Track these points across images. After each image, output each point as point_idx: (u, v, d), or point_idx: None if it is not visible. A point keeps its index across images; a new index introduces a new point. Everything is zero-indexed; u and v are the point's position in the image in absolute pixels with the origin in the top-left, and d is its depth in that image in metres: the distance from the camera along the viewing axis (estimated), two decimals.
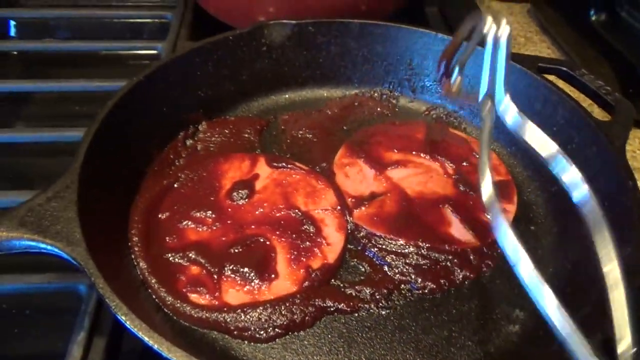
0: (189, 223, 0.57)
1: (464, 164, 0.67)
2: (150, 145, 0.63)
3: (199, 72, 0.69)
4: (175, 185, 0.62)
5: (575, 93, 0.69)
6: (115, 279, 0.44)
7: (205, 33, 0.72)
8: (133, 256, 0.53)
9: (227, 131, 0.70)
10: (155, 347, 0.37)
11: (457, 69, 0.56)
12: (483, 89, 0.49)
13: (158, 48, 0.85)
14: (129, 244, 0.54)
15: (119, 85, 0.61)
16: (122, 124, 0.59)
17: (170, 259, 0.54)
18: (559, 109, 0.63)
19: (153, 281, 0.51)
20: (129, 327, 0.38)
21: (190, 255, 0.54)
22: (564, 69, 0.67)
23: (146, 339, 0.38)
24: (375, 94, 0.78)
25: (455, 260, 0.56)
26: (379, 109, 0.76)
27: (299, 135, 0.71)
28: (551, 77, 0.70)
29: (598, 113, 0.68)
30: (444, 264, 0.56)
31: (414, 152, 0.68)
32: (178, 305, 0.50)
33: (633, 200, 0.50)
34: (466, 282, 0.55)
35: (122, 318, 0.39)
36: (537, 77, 0.65)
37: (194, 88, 0.69)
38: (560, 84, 0.69)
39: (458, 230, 0.59)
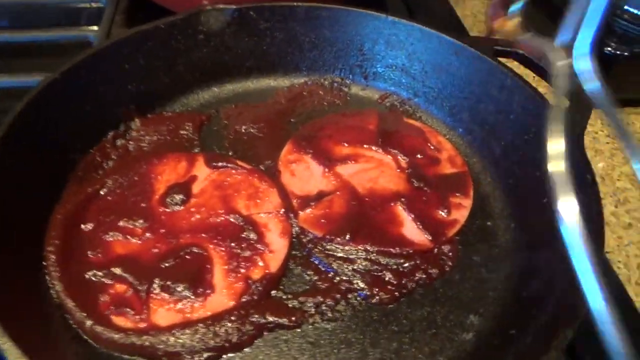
0: (116, 234, 0.52)
1: (418, 156, 0.62)
2: (73, 149, 0.57)
3: (127, 65, 0.62)
4: (102, 192, 0.56)
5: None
6: (21, 308, 0.39)
7: (145, 18, 0.66)
8: (48, 277, 0.48)
9: (163, 128, 0.64)
10: None
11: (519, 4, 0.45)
12: (563, 33, 0.36)
13: (90, 37, 0.78)
14: (45, 263, 0.48)
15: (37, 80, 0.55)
16: (37, 127, 0.53)
17: (92, 277, 0.48)
18: (515, 95, 0.59)
19: (70, 304, 0.46)
20: None
21: (115, 271, 0.49)
22: (522, 52, 0.63)
23: None
24: (326, 82, 0.73)
25: (407, 265, 0.52)
26: (329, 98, 0.71)
27: (243, 130, 0.66)
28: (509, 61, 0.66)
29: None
30: (394, 268, 0.52)
31: (365, 145, 0.63)
32: (98, 329, 0.45)
33: (591, 195, 0.47)
34: (418, 288, 0.51)
35: None
36: (493, 62, 0.61)
37: (123, 82, 0.63)
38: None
39: (410, 230, 0.55)
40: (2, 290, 0.38)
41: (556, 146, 0.32)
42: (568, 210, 0.30)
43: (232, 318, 0.47)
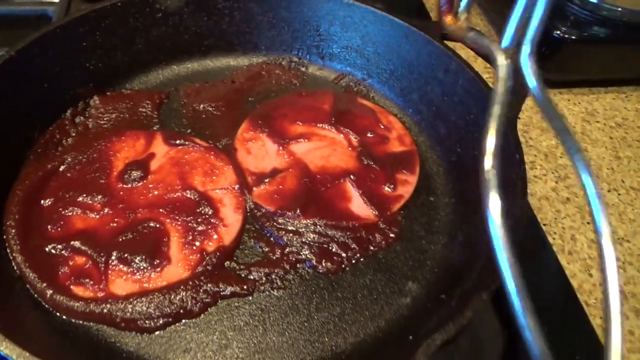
0: (75, 210, 0.54)
1: (369, 135, 0.66)
2: (31, 128, 0.58)
3: (85, 42, 0.63)
4: (61, 169, 0.58)
5: None
6: None
7: None
8: (9, 250, 0.50)
9: (122, 106, 0.66)
10: (13, 357, 0.35)
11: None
12: (509, 34, 0.38)
13: (48, 11, 0.78)
14: (4, 237, 0.51)
15: None
16: None
17: (52, 250, 0.51)
18: (459, 79, 0.63)
19: (31, 275, 0.49)
20: None
21: (75, 244, 0.51)
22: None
23: (2, 348, 0.36)
24: (284, 62, 0.75)
25: (353, 237, 0.56)
26: (287, 78, 0.74)
27: (201, 109, 0.68)
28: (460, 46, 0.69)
29: None
30: (341, 240, 0.56)
31: (319, 125, 0.66)
32: (59, 299, 0.48)
33: (517, 174, 0.51)
34: (362, 259, 0.55)
35: None
36: (440, 45, 0.64)
37: (82, 60, 0.64)
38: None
39: (358, 205, 0.59)
40: None
41: (490, 144, 0.36)
42: (494, 206, 0.35)
43: (187, 287, 0.50)
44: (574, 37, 0.87)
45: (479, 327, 0.55)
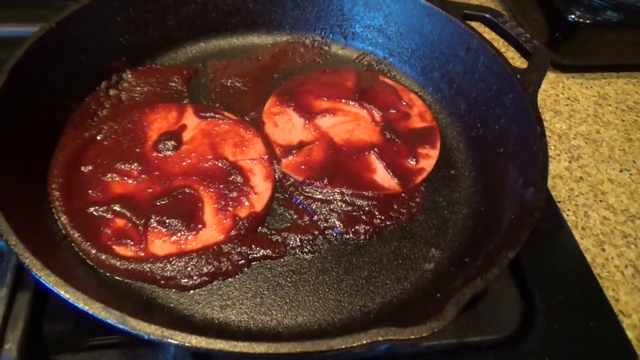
0: (114, 176, 0.57)
1: (392, 111, 0.68)
2: (69, 97, 0.61)
3: (119, 17, 0.66)
4: (98, 138, 0.60)
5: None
6: (33, 234, 0.44)
7: None
8: (54, 211, 0.52)
9: (153, 80, 0.68)
10: (71, 300, 0.38)
11: None
12: None
13: None
14: (50, 198, 0.53)
15: (33, 30, 0.58)
16: (34, 75, 0.56)
17: (94, 212, 0.53)
18: (480, 56, 0.65)
19: (76, 235, 0.51)
20: (43, 281, 0.39)
21: (115, 208, 0.54)
22: (488, 16, 0.68)
23: (62, 293, 0.38)
24: (307, 41, 0.77)
25: (378, 206, 0.58)
26: (310, 56, 0.76)
27: (229, 84, 0.70)
28: (479, 25, 0.71)
29: (520, 60, 0.71)
30: (367, 209, 0.58)
31: (343, 100, 0.69)
32: (103, 257, 0.50)
33: (540, 144, 0.53)
34: (388, 227, 0.57)
35: (36, 273, 0.39)
36: (462, 24, 0.66)
37: (115, 35, 0.66)
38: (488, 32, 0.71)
39: (382, 176, 0.61)
40: (14, 215, 0.43)
41: None
42: None
43: (222, 249, 0.53)
44: (588, 22, 0.88)
45: (498, 297, 0.58)
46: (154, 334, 0.37)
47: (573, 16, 0.89)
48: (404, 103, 0.69)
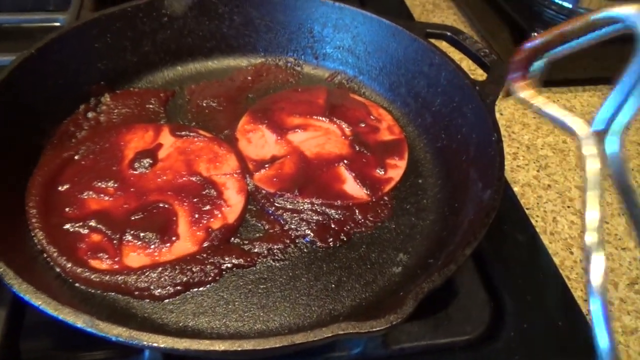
0: (90, 193, 0.59)
1: (361, 125, 0.71)
2: (48, 120, 0.63)
3: (97, 44, 0.69)
4: (76, 158, 0.62)
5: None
6: (8, 249, 0.46)
7: (112, 4, 0.72)
8: (30, 227, 0.54)
9: (131, 102, 0.71)
10: (41, 306, 0.39)
11: (541, 62, 0.41)
12: (601, 116, 0.35)
13: (59, 20, 0.83)
14: (27, 216, 0.55)
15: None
16: (14, 99, 0.58)
17: (70, 228, 0.55)
18: (442, 71, 0.68)
19: (52, 250, 0.53)
20: (15, 290, 0.40)
21: (91, 223, 0.56)
22: (449, 34, 0.72)
23: (32, 299, 0.40)
24: (280, 62, 0.80)
25: (347, 214, 0.60)
26: (283, 77, 0.79)
27: (204, 105, 0.73)
28: (442, 43, 0.75)
29: (481, 73, 0.74)
30: (337, 218, 0.60)
31: (314, 117, 0.71)
32: (78, 270, 0.52)
33: (497, 149, 0.56)
34: (356, 234, 0.59)
35: (8, 282, 0.41)
36: (424, 42, 0.70)
37: (93, 60, 0.69)
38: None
39: (351, 186, 0.63)
40: None
41: (591, 217, 0.33)
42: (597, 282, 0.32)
43: (195, 260, 0.54)
44: None
45: (468, 299, 0.59)
46: (122, 335, 0.38)
47: (536, 34, 0.93)
48: (372, 117, 0.72)
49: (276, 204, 0.61)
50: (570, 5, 0.95)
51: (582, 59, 0.97)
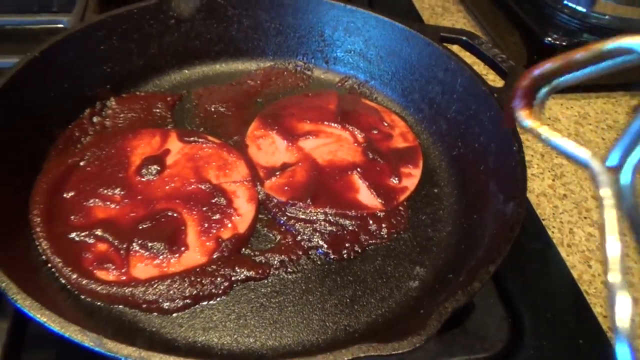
0: (96, 201, 0.57)
1: (374, 132, 0.69)
2: (52, 124, 0.61)
3: (102, 46, 0.67)
4: (81, 164, 0.60)
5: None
6: (11, 260, 0.44)
7: (117, 5, 0.70)
8: (35, 237, 0.52)
9: (137, 107, 0.69)
10: (47, 323, 0.37)
11: (546, 90, 0.39)
12: (617, 153, 0.33)
13: (63, 22, 0.81)
14: (31, 224, 0.53)
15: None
16: (17, 103, 0.57)
17: (75, 237, 0.53)
18: (458, 77, 0.66)
19: (57, 260, 0.51)
20: (18, 305, 0.38)
21: (97, 232, 0.53)
22: (465, 38, 0.70)
23: (38, 316, 0.38)
24: (290, 66, 0.79)
25: (361, 225, 0.58)
26: (293, 81, 0.77)
27: (213, 109, 0.71)
28: (456, 47, 0.73)
29: (498, 80, 0.72)
30: (350, 229, 0.58)
31: (325, 122, 0.69)
32: (84, 282, 0.50)
33: (517, 160, 0.54)
34: (371, 246, 0.57)
35: (12, 297, 0.39)
36: (439, 47, 0.68)
37: (99, 63, 0.67)
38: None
39: (365, 196, 0.61)
40: None
41: (613, 252, 0.31)
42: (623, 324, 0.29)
43: (205, 272, 0.52)
44: (564, 44, 0.91)
45: (485, 315, 0.57)
46: (132, 355, 0.36)
47: (550, 39, 0.91)
48: (385, 124, 0.70)
49: (288, 214, 0.59)
50: (584, 10, 0.94)
51: None
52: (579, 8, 0.93)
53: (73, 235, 0.53)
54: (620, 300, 0.29)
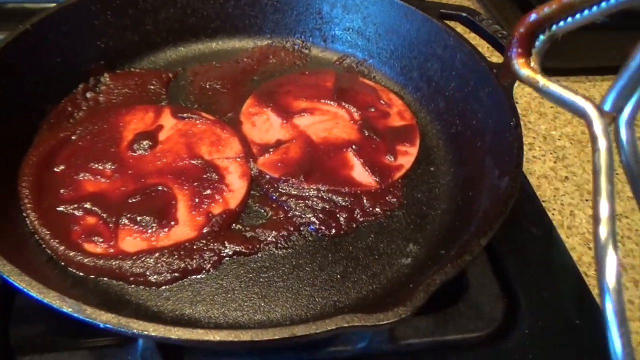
0: (86, 175, 0.56)
1: (371, 110, 0.68)
2: (45, 99, 0.61)
3: (96, 21, 0.66)
4: (73, 138, 0.60)
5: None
6: None
7: None
8: (23, 209, 0.52)
9: (131, 83, 0.68)
10: (25, 289, 0.37)
11: (544, 37, 0.37)
12: (612, 97, 0.32)
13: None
14: (19, 196, 0.52)
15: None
16: (9, 77, 0.56)
17: (64, 210, 0.53)
18: (457, 53, 0.65)
19: (44, 232, 0.50)
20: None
21: (86, 206, 0.53)
22: (465, 14, 0.68)
23: (17, 282, 0.37)
24: (287, 44, 0.77)
25: (355, 202, 0.57)
26: (290, 59, 0.76)
27: (208, 87, 0.70)
28: (456, 24, 0.71)
29: (498, 56, 0.71)
30: (343, 205, 0.57)
31: (321, 100, 0.68)
32: (71, 254, 0.49)
33: (514, 134, 0.53)
34: (364, 223, 0.56)
35: None
36: (438, 23, 0.67)
37: (93, 38, 0.66)
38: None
39: (360, 173, 0.60)
40: None
41: (604, 209, 0.29)
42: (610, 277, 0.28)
43: (194, 246, 0.52)
44: None
45: (480, 294, 0.56)
46: (110, 322, 0.35)
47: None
48: (383, 102, 0.69)
49: (280, 190, 0.58)
50: None
51: (600, 47, 0.93)
52: None
53: (62, 208, 0.53)
54: (609, 253, 0.28)
